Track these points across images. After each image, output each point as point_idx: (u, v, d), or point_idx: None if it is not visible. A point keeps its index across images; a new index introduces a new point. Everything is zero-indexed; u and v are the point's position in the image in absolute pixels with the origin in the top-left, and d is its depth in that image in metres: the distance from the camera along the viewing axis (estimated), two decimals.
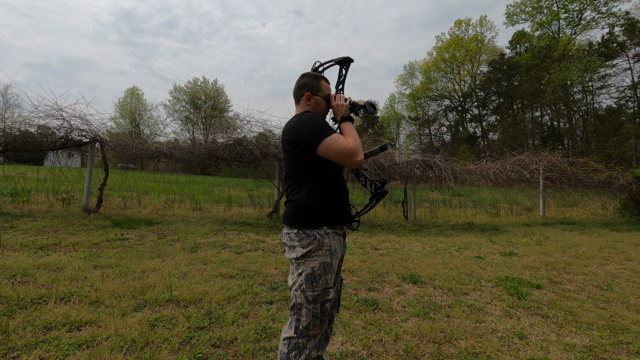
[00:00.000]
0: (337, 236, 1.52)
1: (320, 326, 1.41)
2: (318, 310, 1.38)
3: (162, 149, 8.19)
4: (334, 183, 1.52)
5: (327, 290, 1.41)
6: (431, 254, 4.93)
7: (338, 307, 1.66)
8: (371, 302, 2.93)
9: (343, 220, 1.55)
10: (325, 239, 1.44)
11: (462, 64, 45.46)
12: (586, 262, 4.68)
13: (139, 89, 51.87)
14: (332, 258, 1.44)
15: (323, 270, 1.41)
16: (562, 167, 9.53)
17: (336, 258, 1.48)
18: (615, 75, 31.32)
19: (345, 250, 1.61)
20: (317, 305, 1.38)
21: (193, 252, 4.39)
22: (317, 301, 1.38)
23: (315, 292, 1.39)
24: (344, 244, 1.57)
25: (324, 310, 1.39)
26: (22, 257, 3.77)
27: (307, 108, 1.61)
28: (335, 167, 1.53)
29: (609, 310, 2.95)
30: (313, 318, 1.38)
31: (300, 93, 1.62)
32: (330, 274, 1.43)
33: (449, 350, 2.21)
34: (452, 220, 8.78)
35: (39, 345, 2.02)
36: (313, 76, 1.64)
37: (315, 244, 1.42)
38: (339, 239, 1.52)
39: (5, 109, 37.42)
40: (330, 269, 1.43)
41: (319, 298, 1.39)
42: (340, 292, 1.68)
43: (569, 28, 36.13)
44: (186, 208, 8.80)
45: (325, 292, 1.40)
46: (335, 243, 1.49)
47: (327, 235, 1.46)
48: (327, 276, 1.42)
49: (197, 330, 2.31)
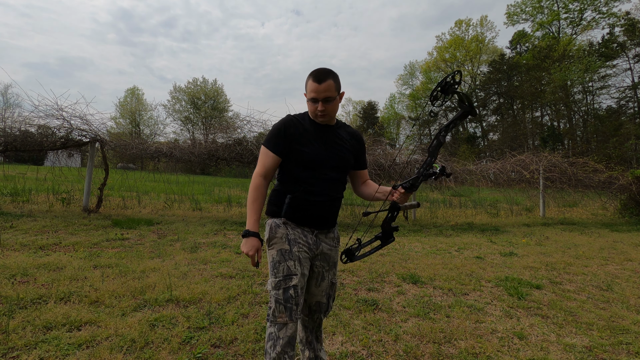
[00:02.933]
0: (300, 228, 1.52)
1: (287, 313, 1.41)
2: (281, 297, 1.41)
3: (162, 149, 8.19)
4: (291, 183, 1.54)
5: (290, 276, 1.43)
6: (431, 254, 4.93)
7: (326, 312, 1.64)
8: (371, 302, 2.93)
9: (304, 222, 1.53)
10: (280, 228, 1.50)
11: (462, 64, 45.46)
12: (586, 262, 4.68)
13: (139, 88, 51.95)
14: (290, 245, 1.47)
15: (282, 256, 1.46)
16: (562, 167, 9.53)
17: (298, 246, 1.48)
18: (616, 75, 31.38)
19: (326, 248, 1.59)
20: (279, 291, 1.42)
21: (193, 252, 4.39)
22: (280, 287, 1.42)
23: (277, 278, 1.44)
24: (316, 242, 1.55)
25: (286, 296, 1.41)
26: (22, 256, 3.77)
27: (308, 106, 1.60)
28: (299, 168, 1.52)
29: (608, 311, 2.95)
30: (277, 304, 1.42)
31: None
32: (292, 260, 1.45)
33: (449, 351, 2.21)
34: (452, 221, 8.78)
35: (39, 345, 2.02)
36: (309, 74, 1.57)
37: (269, 233, 1.53)
38: (302, 232, 1.52)
39: (5, 108, 37.43)
40: (290, 256, 1.45)
41: (280, 284, 1.42)
42: (332, 296, 1.65)
43: (570, 28, 36.13)
44: (186, 208, 8.80)
45: (287, 278, 1.43)
46: (296, 233, 1.50)
47: (284, 224, 1.51)
48: (288, 262, 1.44)
49: (197, 330, 2.31)
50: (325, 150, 1.54)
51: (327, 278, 1.61)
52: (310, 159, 1.50)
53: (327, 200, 1.55)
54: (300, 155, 1.50)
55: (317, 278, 1.60)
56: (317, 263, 1.59)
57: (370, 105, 51.90)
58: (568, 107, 34.62)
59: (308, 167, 1.51)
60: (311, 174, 1.51)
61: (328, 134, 1.58)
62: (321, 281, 1.60)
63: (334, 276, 1.65)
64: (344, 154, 1.59)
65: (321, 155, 1.52)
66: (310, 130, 1.54)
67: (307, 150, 1.50)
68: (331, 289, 1.64)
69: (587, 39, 34.54)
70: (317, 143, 1.53)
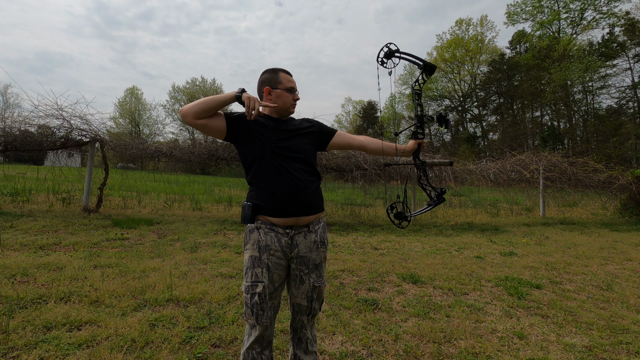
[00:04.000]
0: (273, 232, 1.48)
1: (254, 317, 1.45)
2: (249, 301, 1.47)
3: (162, 149, 8.19)
4: (257, 179, 1.53)
5: (256, 283, 1.46)
6: (431, 254, 4.93)
7: (309, 315, 1.58)
8: (371, 302, 2.93)
9: (275, 213, 1.48)
10: (254, 233, 1.50)
11: (462, 63, 45.45)
12: (586, 262, 4.68)
13: (138, 88, 51.99)
14: (260, 252, 1.47)
15: (252, 263, 1.48)
16: (562, 167, 9.53)
17: (268, 253, 1.46)
18: (616, 75, 31.33)
19: (303, 251, 1.52)
20: (248, 295, 1.47)
21: (193, 252, 4.39)
22: (248, 292, 1.47)
23: (247, 283, 1.48)
24: (290, 245, 1.50)
25: (253, 302, 1.45)
26: (22, 256, 3.77)
27: None
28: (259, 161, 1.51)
29: (608, 310, 2.95)
30: (246, 307, 1.48)
31: (261, 90, 1.60)
32: (260, 267, 1.46)
33: (449, 350, 2.21)
34: (452, 220, 8.78)
35: (39, 344, 2.02)
36: (271, 70, 1.61)
37: (245, 237, 1.55)
38: (275, 235, 1.48)
39: (5, 108, 37.43)
40: (259, 263, 1.47)
41: (249, 289, 1.47)
42: (315, 300, 1.57)
43: (570, 28, 36.11)
44: (186, 208, 8.80)
45: (254, 285, 1.46)
46: (268, 239, 1.47)
47: (257, 229, 1.50)
48: (256, 269, 1.47)
49: (197, 330, 2.32)
50: (279, 138, 1.54)
51: (307, 281, 1.54)
52: (260, 152, 1.51)
53: (293, 191, 1.50)
54: (252, 150, 1.52)
55: (295, 280, 1.56)
56: (293, 266, 1.54)
57: (370, 105, 51.92)
58: (568, 107, 34.61)
59: (265, 158, 1.49)
60: (273, 165, 1.50)
61: (286, 124, 1.61)
62: (300, 284, 1.55)
63: (317, 279, 1.56)
64: (305, 138, 1.62)
65: (268, 150, 1.51)
66: (266, 124, 1.56)
67: (255, 146, 1.52)
68: (314, 292, 1.55)
69: (587, 38, 34.55)
70: (274, 134, 1.54)
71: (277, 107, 1.58)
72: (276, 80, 1.57)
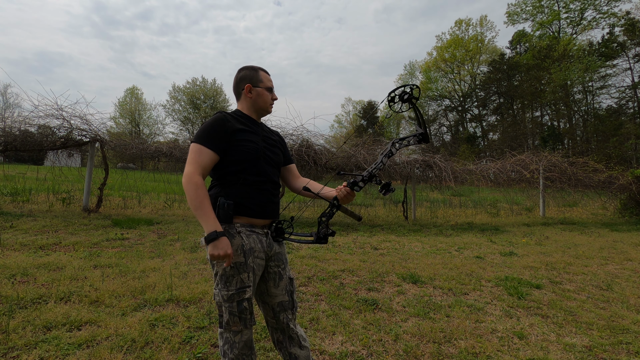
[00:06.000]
0: (255, 234, 1.48)
1: (242, 323, 1.42)
2: (235, 309, 1.41)
3: (162, 149, 8.19)
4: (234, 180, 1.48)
5: (243, 289, 1.42)
6: (431, 253, 4.93)
7: (292, 310, 1.60)
8: (371, 302, 2.93)
9: (258, 213, 1.49)
10: (235, 238, 1.43)
11: (462, 63, 45.46)
12: (586, 262, 4.68)
13: (138, 88, 51.94)
14: (245, 257, 1.43)
15: (235, 270, 1.41)
16: (562, 167, 9.53)
17: (253, 255, 1.45)
18: (616, 75, 31.35)
19: (277, 248, 1.57)
20: (233, 304, 1.41)
21: (193, 252, 4.39)
22: (233, 300, 1.40)
23: (230, 292, 1.40)
24: (270, 243, 1.53)
25: (241, 308, 1.41)
26: (22, 256, 3.77)
27: (249, 102, 1.57)
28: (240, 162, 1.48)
29: (608, 310, 2.95)
30: (231, 316, 1.42)
31: (240, 87, 1.57)
32: (246, 272, 1.42)
33: (449, 350, 2.21)
34: (452, 220, 8.78)
35: (39, 344, 2.02)
36: (251, 68, 1.60)
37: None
38: (257, 237, 1.48)
39: (5, 108, 37.43)
40: (245, 268, 1.42)
41: (234, 297, 1.40)
42: (293, 292, 1.62)
43: (570, 28, 36.11)
44: (186, 208, 8.79)
45: (241, 291, 1.41)
46: (251, 241, 1.45)
47: (239, 234, 1.44)
48: (242, 275, 1.42)
49: (197, 330, 2.32)
50: (264, 143, 1.56)
51: (284, 276, 1.59)
52: (252, 152, 1.49)
53: (270, 189, 1.55)
54: (244, 148, 1.48)
55: (274, 279, 1.56)
56: (271, 264, 1.56)
57: (370, 105, 51.93)
58: (568, 107, 34.62)
59: (248, 160, 1.47)
60: (261, 167, 1.50)
61: (263, 129, 1.62)
62: (279, 280, 1.57)
63: (289, 271, 1.64)
64: (276, 149, 1.64)
65: (260, 149, 1.51)
66: (248, 125, 1.55)
67: (249, 144, 1.49)
68: (291, 285, 1.61)
69: (587, 38, 34.56)
70: (255, 137, 1.53)
71: (257, 106, 1.58)
72: (257, 79, 1.57)
